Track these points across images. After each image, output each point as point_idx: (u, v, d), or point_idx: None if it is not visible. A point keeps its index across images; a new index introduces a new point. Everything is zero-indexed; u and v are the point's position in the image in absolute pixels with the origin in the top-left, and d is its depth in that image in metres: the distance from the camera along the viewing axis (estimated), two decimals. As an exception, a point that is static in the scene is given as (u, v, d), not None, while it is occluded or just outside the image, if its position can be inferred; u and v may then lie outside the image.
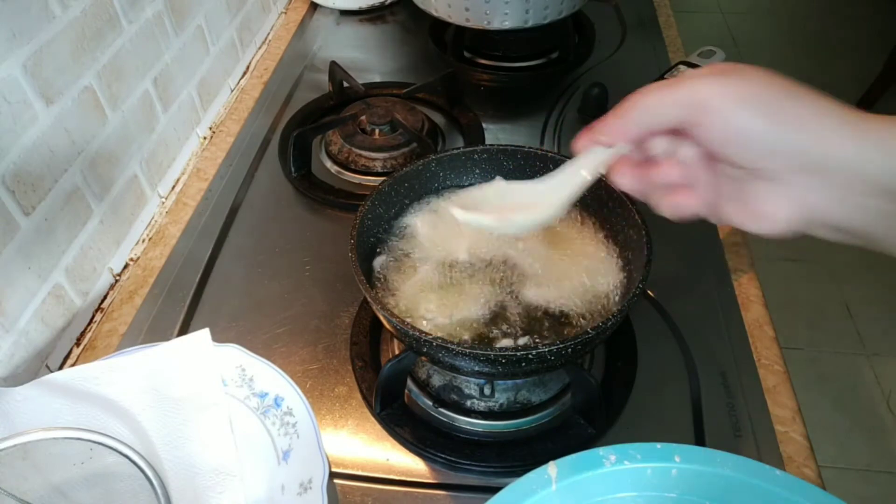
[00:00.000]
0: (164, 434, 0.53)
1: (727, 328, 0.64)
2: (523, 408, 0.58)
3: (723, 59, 0.77)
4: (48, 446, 0.45)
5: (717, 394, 0.59)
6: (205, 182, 0.84)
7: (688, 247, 0.73)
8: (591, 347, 0.57)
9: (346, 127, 0.86)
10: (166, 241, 0.77)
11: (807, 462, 0.55)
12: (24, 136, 0.58)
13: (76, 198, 0.66)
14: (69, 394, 0.53)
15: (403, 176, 0.63)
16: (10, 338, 0.58)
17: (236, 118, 0.95)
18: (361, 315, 0.66)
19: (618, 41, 1.07)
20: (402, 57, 1.08)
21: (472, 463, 0.55)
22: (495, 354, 0.47)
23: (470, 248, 0.61)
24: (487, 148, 0.65)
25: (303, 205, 0.81)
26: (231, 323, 0.67)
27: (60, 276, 0.64)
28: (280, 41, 1.11)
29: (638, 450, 0.41)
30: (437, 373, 0.60)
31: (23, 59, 0.58)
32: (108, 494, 0.48)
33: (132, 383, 0.55)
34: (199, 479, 0.52)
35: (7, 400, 0.51)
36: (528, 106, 0.95)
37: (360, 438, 0.58)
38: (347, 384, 0.62)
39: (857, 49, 2.88)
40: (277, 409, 0.55)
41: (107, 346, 0.66)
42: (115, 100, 0.71)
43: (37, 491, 0.47)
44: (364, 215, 0.58)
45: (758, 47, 2.93)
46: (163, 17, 0.79)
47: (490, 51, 1.04)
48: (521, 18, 0.93)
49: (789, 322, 1.85)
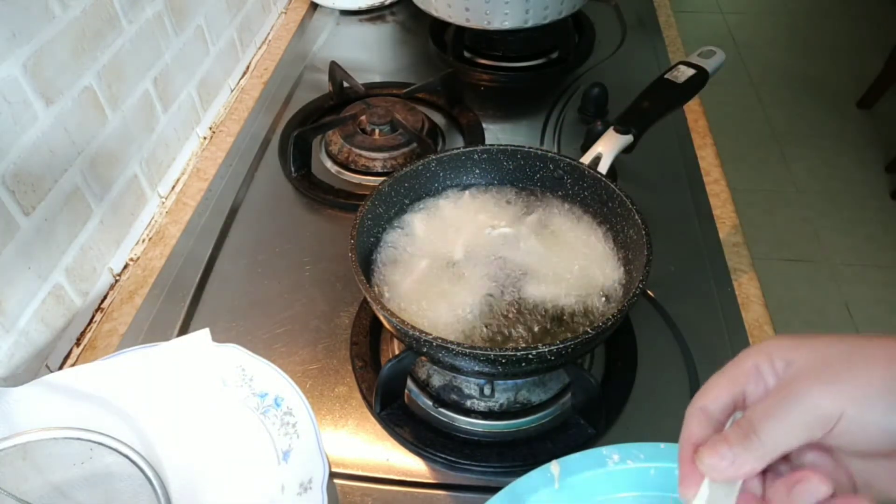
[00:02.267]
0: (164, 434, 0.53)
1: (727, 328, 0.64)
2: (523, 408, 0.58)
3: (723, 59, 0.77)
4: (48, 446, 0.45)
5: (717, 394, 0.59)
6: (205, 182, 0.84)
7: (688, 247, 0.73)
8: (591, 347, 0.57)
9: (346, 127, 0.86)
10: (166, 241, 0.77)
11: (807, 462, 0.55)
12: (24, 136, 0.58)
13: (76, 198, 0.66)
14: (69, 394, 0.53)
15: (403, 176, 0.63)
16: (10, 338, 0.58)
17: (236, 118, 0.95)
18: (361, 315, 0.66)
19: (618, 41, 1.07)
20: (402, 57, 1.08)
21: (472, 463, 0.55)
22: (495, 354, 0.47)
23: (469, 248, 0.61)
24: (487, 148, 0.65)
25: (303, 205, 0.81)
26: (231, 323, 0.67)
27: (60, 276, 0.64)
28: (280, 41, 1.11)
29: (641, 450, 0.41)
30: (437, 373, 0.60)
31: (23, 59, 0.58)
32: (108, 494, 0.48)
33: (132, 383, 0.55)
34: (199, 479, 0.52)
35: (7, 400, 0.51)
36: (528, 106, 0.95)
37: (360, 438, 0.58)
38: (347, 384, 0.61)
39: (857, 49, 2.89)
40: (277, 409, 0.55)
41: (107, 346, 0.66)
42: (115, 100, 0.71)
43: (37, 491, 0.47)
44: (364, 215, 0.58)
45: (758, 47, 2.93)
46: (163, 17, 0.79)
47: (490, 51, 1.04)
48: (521, 18, 0.93)
49: (789, 322, 1.85)
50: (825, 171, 2.33)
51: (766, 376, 0.34)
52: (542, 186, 0.65)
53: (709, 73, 0.75)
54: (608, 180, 0.60)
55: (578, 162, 0.63)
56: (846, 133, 2.49)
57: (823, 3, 3.20)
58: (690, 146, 0.86)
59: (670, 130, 0.88)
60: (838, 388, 0.31)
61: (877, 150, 2.40)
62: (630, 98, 0.74)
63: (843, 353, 0.32)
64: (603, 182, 0.61)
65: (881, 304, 1.89)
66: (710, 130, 0.90)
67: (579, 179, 0.63)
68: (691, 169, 0.83)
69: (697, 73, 0.74)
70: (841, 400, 0.31)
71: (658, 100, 0.73)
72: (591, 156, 0.69)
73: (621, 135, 0.69)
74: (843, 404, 0.31)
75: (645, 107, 0.72)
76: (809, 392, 0.32)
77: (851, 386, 0.31)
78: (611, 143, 0.69)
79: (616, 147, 0.69)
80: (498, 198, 0.66)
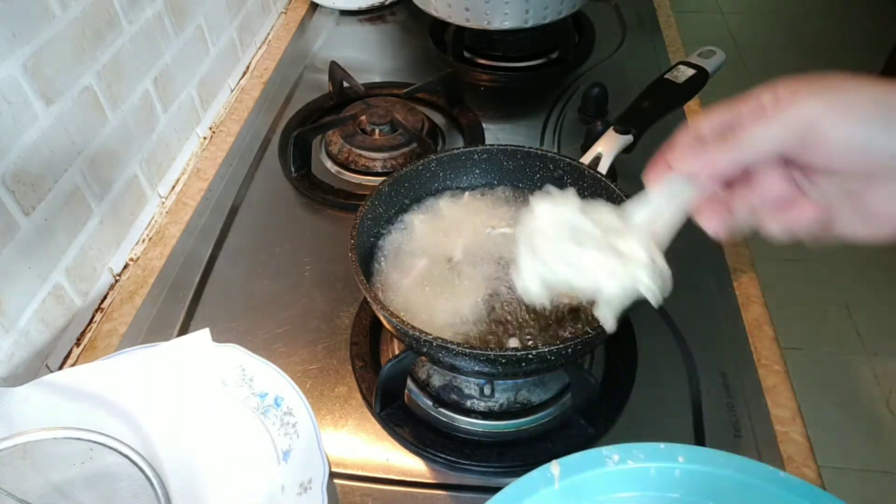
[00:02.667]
0: (164, 434, 0.53)
1: (727, 328, 0.64)
2: (523, 408, 0.58)
3: (723, 59, 0.77)
4: (48, 446, 0.45)
5: (717, 394, 0.59)
6: (205, 182, 0.84)
7: (688, 247, 0.72)
8: (591, 347, 0.57)
9: (346, 127, 0.86)
10: (166, 241, 0.77)
11: (807, 462, 0.55)
12: (24, 136, 0.58)
13: (76, 198, 0.66)
14: (69, 394, 0.53)
15: (403, 176, 0.63)
16: (10, 338, 0.58)
17: (236, 118, 0.95)
18: (361, 315, 0.66)
19: (618, 41, 1.07)
20: (402, 57, 1.08)
21: (472, 463, 0.55)
22: (495, 354, 0.47)
23: (469, 248, 0.61)
24: (487, 148, 0.65)
25: (303, 205, 0.81)
26: (231, 323, 0.67)
27: (60, 276, 0.64)
28: (280, 41, 1.11)
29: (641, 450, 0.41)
30: (437, 373, 0.60)
31: (23, 59, 0.58)
32: (108, 494, 0.48)
33: (132, 383, 0.55)
34: (199, 479, 0.52)
35: (7, 400, 0.51)
36: (528, 106, 0.95)
37: (360, 438, 0.58)
38: (347, 384, 0.61)
39: (857, 49, 2.89)
40: (277, 409, 0.55)
41: (107, 346, 0.66)
42: (115, 100, 0.71)
43: (37, 491, 0.47)
44: (364, 215, 0.58)
45: (758, 47, 2.93)
46: (163, 17, 0.79)
47: (490, 51, 1.04)
48: (521, 18, 0.93)
49: (789, 322, 1.85)
50: (825, 171, 2.33)
51: (766, 105, 0.34)
52: (541, 186, 0.65)
53: (709, 73, 0.75)
54: (608, 180, 0.60)
55: (578, 162, 0.63)
56: (846, 133, 2.49)
57: (823, 3, 3.20)
58: (690, 146, 0.86)
59: (670, 130, 0.87)
60: (825, 96, 0.32)
61: (877, 150, 2.40)
62: (630, 98, 0.74)
63: (840, 77, 0.33)
64: (603, 182, 0.61)
65: (881, 304, 1.89)
66: (710, 130, 0.89)
67: (579, 179, 0.63)
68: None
69: (697, 73, 0.74)
70: (825, 108, 0.32)
71: (658, 100, 0.73)
72: (591, 156, 0.69)
73: (621, 135, 0.69)
74: (826, 112, 0.32)
75: (645, 107, 0.72)
76: (794, 100, 0.33)
77: (837, 97, 0.32)
78: (611, 143, 0.69)
79: (616, 147, 0.69)
80: (498, 198, 0.66)
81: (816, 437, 0.57)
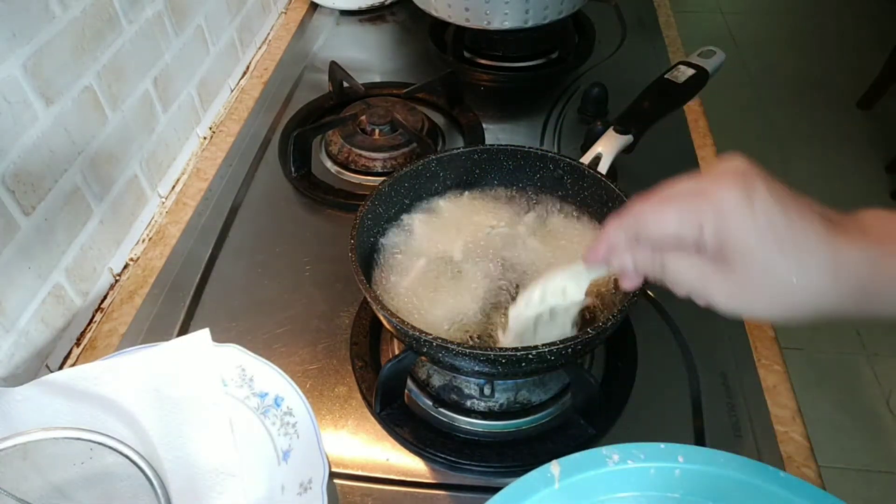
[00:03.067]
0: (164, 434, 0.53)
1: (727, 328, 0.64)
2: (523, 408, 0.58)
3: (723, 59, 0.77)
4: (48, 446, 0.45)
5: (717, 394, 0.59)
6: (205, 182, 0.84)
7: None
8: (591, 347, 0.57)
9: (346, 127, 0.86)
10: (166, 241, 0.77)
11: (807, 462, 0.55)
12: (24, 136, 0.58)
13: (76, 198, 0.66)
14: (69, 394, 0.53)
15: (403, 176, 0.63)
16: (10, 338, 0.58)
17: (236, 118, 0.95)
18: (361, 315, 0.66)
19: (618, 41, 1.07)
20: (402, 57, 1.08)
21: (472, 463, 0.55)
22: (495, 354, 0.47)
23: (469, 248, 0.61)
24: (487, 148, 0.65)
25: (303, 205, 0.81)
26: (231, 323, 0.67)
27: (60, 276, 0.64)
28: (280, 41, 1.11)
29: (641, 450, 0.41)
30: (437, 373, 0.60)
31: (23, 59, 0.58)
32: (108, 494, 0.48)
33: (132, 383, 0.55)
34: (199, 479, 0.52)
35: (7, 400, 0.51)
36: (528, 106, 0.95)
37: (360, 438, 0.58)
38: (347, 384, 0.61)
39: (858, 49, 2.89)
40: (277, 409, 0.55)
41: (107, 346, 0.66)
42: (115, 100, 0.71)
43: (37, 491, 0.47)
44: (364, 215, 0.58)
45: (758, 47, 2.93)
46: (163, 17, 0.79)
47: (490, 51, 1.04)
48: (521, 18, 0.93)
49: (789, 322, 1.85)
50: (825, 171, 2.33)
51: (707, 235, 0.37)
52: (541, 186, 0.65)
53: (709, 73, 0.75)
54: (608, 180, 0.60)
55: (578, 162, 0.63)
56: (846, 133, 2.49)
57: (823, 3, 3.20)
58: (690, 146, 0.86)
59: (670, 130, 0.88)
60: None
61: (877, 150, 2.40)
62: (630, 98, 0.74)
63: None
64: (603, 182, 0.61)
65: (881, 304, 1.89)
66: (710, 130, 0.90)
67: (579, 179, 0.63)
68: (691, 169, 0.83)
69: (697, 73, 0.74)
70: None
71: (658, 100, 0.73)
72: (591, 156, 0.69)
73: (621, 135, 0.69)
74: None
75: (645, 107, 0.72)
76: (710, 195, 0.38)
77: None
78: (611, 143, 0.69)
79: (616, 147, 0.69)
80: (498, 198, 0.66)
81: (816, 437, 0.57)
